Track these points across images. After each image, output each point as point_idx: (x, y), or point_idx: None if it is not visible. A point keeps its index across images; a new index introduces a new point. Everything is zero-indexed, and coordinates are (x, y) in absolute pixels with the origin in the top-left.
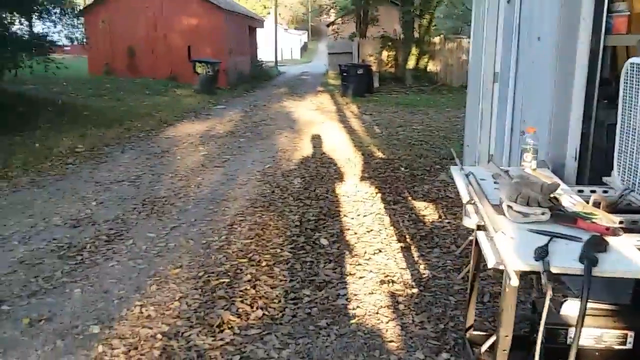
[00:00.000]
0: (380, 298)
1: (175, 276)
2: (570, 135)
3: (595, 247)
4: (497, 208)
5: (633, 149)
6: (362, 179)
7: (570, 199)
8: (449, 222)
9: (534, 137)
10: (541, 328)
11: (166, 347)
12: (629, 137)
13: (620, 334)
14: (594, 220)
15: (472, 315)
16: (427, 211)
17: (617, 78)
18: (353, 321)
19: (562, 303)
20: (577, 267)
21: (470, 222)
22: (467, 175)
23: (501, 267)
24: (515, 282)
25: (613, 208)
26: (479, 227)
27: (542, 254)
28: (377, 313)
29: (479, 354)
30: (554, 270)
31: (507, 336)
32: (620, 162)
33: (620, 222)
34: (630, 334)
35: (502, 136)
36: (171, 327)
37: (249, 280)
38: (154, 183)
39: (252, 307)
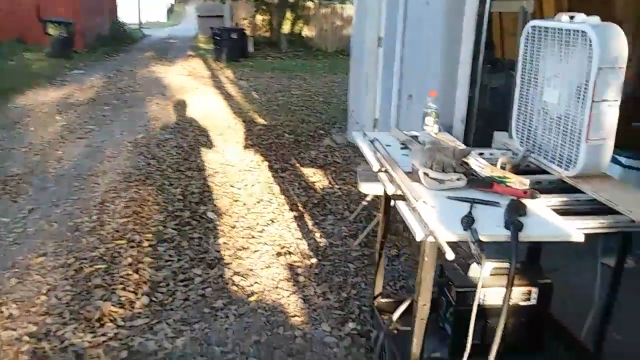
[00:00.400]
0: (278, 271)
1: (39, 266)
2: (457, 99)
3: (516, 211)
4: (411, 176)
5: (532, 111)
6: (246, 146)
7: (477, 163)
8: (339, 188)
9: (435, 101)
10: (477, 294)
11: (36, 350)
12: (527, 100)
13: (525, 291)
14: (508, 183)
15: (380, 283)
16: (317, 177)
17: (491, 43)
18: (252, 299)
19: (469, 265)
20: (504, 234)
21: (368, 188)
22: (372, 142)
23: (430, 240)
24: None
25: (516, 170)
26: (394, 197)
27: (469, 222)
28: (277, 287)
29: (390, 322)
30: (482, 238)
31: (425, 305)
32: (518, 125)
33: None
34: (534, 289)
35: (388, 101)
36: (40, 326)
37: (130, 264)
38: (4, 159)
39: (136, 294)
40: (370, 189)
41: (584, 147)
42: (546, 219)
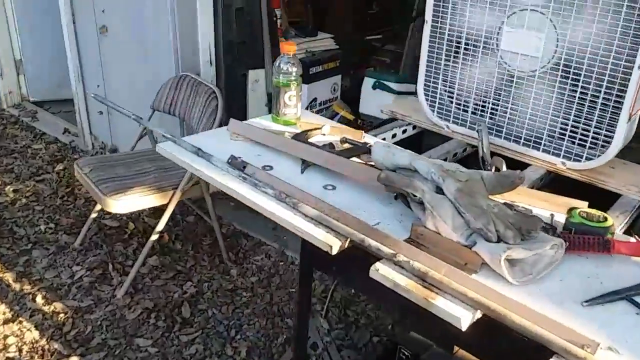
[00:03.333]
0: None
1: None
2: (201, 31)
3: None
4: (427, 249)
5: (465, 68)
6: None
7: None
8: (17, 190)
9: (294, 61)
10: None
11: None
12: (445, 47)
13: None
14: (610, 229)
15: None
16: None
17: None
18: None
19: None
20: None
21: (127, 205)
22: (240, 169)
23: None
24: None
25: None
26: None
27: None
28: None
29: None
30: None
31: None
32: (432, 87)
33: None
34: None
35: (42, 29)
36: None
37: None
38: None
39: None
40: (130, 206)
41: (623, 126)
42: None
